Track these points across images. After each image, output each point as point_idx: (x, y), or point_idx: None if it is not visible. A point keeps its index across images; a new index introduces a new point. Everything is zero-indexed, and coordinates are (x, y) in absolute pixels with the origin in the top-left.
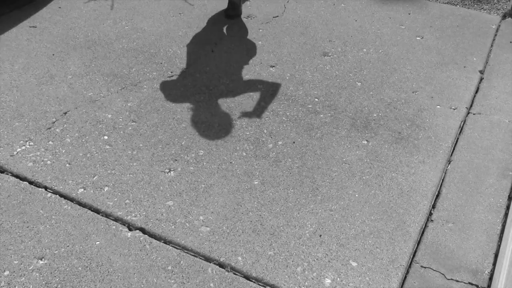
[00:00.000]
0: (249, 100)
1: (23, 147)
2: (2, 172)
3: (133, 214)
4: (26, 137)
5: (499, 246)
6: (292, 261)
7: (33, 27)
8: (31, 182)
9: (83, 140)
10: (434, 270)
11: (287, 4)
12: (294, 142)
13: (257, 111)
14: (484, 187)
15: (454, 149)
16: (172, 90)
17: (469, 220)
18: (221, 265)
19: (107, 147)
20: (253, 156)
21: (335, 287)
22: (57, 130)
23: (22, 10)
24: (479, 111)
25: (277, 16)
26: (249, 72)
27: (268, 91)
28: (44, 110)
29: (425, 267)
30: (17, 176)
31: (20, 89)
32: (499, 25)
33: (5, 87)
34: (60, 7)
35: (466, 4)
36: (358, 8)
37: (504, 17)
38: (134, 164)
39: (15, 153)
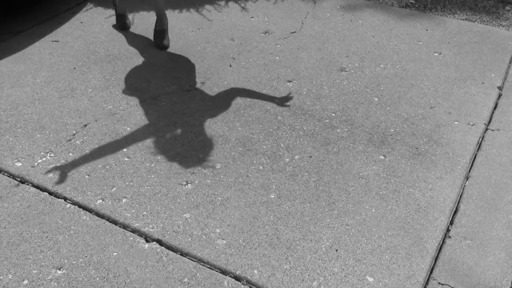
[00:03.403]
0: (266, 114)
1: (44, 159)
2: (23, 182)
3: (150, 226)
4: (47, 149)
5: None
6: (308, 275)
7: (56, 41)
8: (51, 193)
9: (103, 152)
10: (452, 287)
11: (305, 20)
12: (310, 157)
13: (274, 126)
14: (502, 204)
15: (472, 165)
16: (190, 104)
17: (488, 237)
18: (237, 278)
19: (126, 159)
20: (270, 170)
21: None
22: (77, 142)
23: (45, 25)
24: (497, 127)
25: (295, 31)
26: (266, 87)
27: (285, 105)
28: (64, 122)
29: (442, 284)
30: (37, 187)
31: (42, 102)
32: None
33: (27, 100)
34: (82, 22)
35: (484, 21)
36: (376, 24)
37: None
38: (152, 176)
39: (36, 164)
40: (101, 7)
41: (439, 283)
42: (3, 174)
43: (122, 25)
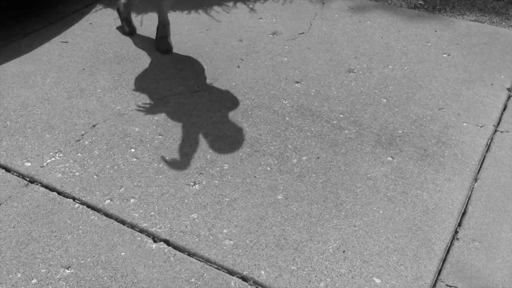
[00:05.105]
0: (274, 115)
1: (53, 159)
2: (32, 182)
3: (158, 226)
4: (56, 149)
5: None
6: (315, 276)
7: (65, 42)
8: (59, 193)
9: (111, 153)
10: None
11: (313, 21)
12: (318, 158)
13: (282, 126)
14: (511, 206)
15: (481, 167)
16: (198, 105)
17: (496, 239)
18: (244, 279)
19: (134, 159)
20: (278, 170)
21: None
22: (86, 142)
23: (55, 26)
24: (506, 129)
25: (303, 32)
26: (274, 88)
27: (293, 106)
28: (73, 122)
29: (450, 286)
30: (46, 187)
31: (51, 102)
32: None
33: (37, 100)
34: (91, 23)
35: (493, 22)
36: (384, 25)
37: None
38: (160, 176)
39: (45, 164)
40: (110, 8)
41: (447, 285)
42: (13, 174)
43: (128, 29)
